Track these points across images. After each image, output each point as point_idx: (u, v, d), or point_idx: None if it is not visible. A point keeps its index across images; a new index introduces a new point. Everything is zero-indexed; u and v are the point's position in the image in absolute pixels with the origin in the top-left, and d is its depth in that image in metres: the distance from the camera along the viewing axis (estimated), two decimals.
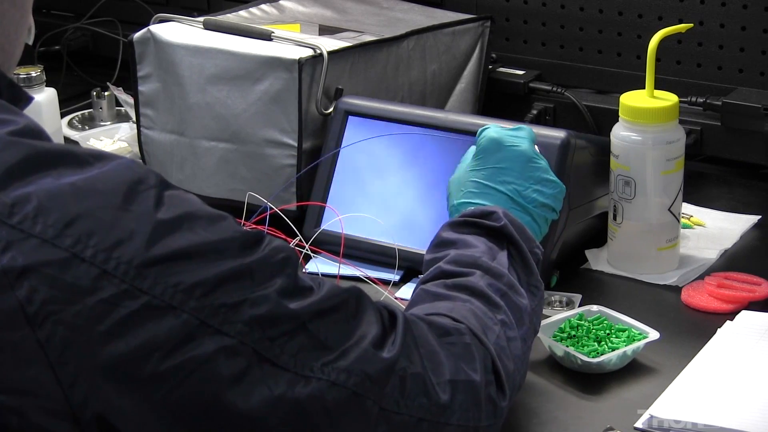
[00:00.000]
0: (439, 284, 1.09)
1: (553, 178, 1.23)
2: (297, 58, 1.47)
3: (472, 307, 1.04)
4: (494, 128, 1.24)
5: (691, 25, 1.48)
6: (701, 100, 1.64)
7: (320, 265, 1.41)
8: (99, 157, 0.85)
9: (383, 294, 1.35)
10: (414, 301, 1.09)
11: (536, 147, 1.25)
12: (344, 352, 0.88)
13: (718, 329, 1.24)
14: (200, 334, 0.82)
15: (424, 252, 1.18)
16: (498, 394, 1.00)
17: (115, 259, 0.81)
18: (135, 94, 1.62)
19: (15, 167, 0.82)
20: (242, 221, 1.41)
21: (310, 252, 1.41)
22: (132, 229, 0.82)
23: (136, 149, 1.65)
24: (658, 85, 1.39)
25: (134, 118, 1.64)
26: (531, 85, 1.78)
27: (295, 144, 1.49)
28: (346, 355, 0.88)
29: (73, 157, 0.84)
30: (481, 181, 1.21)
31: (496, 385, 1.00)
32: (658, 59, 1.39)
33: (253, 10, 1.71)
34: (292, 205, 1.48)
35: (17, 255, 0.80)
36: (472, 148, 1.26)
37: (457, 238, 1.14)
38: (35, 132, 0.85)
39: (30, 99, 0.94)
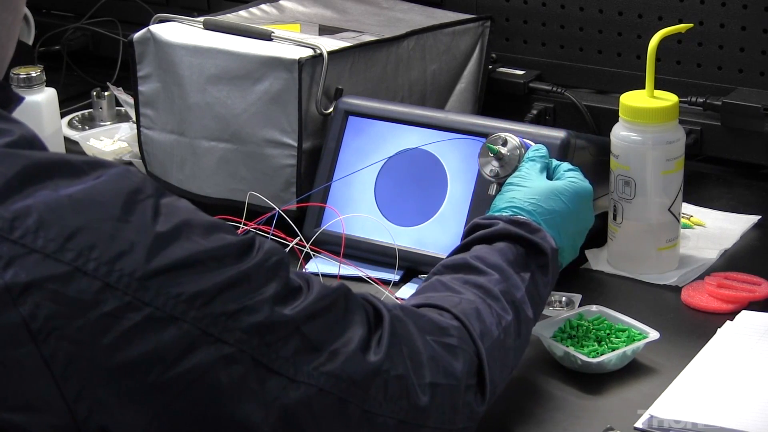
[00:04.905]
0: (456, 278, 1.09)
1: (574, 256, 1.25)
2: (297, 58, 1.47)
3: (479, 307, 1.04)
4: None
5: (691, 25, 1.47)
6: (701, 100, 1.64)
7: (320, 265, 1.41)
8: (94, 165, 0.84)
9: (383, 294, 1.35)
10: (425, 287, 1.09)
11: None
12: (333, 354, 0.88)
13: (718, 329, 1.24)
14: (201, 343, 0.82)
15: (424, 252, 1.18)
16: (477, 398, 1.01)
17: (117, 271, 0.80)
18: (135, 94, 1.62)
19: (13, 180, 0.81)
20: (244, 221, 1.41)
21: (310, 252, 1.41)
22: (132, 241, 0.81)
23: (136, 149, 1.65)
24: (658, 85, 1.39)
25: (134, 118, 1.64)
26: (531, 85, 1.78)
27: (295, 144, 1.49)
28: (334, 358, 0.88)
29: (69, 166, 0.83)
30: (545, 206, 1.20)
31: (477, 389, 1.01)
32: (658, 59, 1.39)
33: (253, 10, 1.71)
34: (293, 206, 1.48)
35: (20, 271, 0.79)
36: (537, 163, 1.26)
37: (492, 243, 1.14)
38: (29, 141, 0.84)
39: (21, 99, 0.93)
